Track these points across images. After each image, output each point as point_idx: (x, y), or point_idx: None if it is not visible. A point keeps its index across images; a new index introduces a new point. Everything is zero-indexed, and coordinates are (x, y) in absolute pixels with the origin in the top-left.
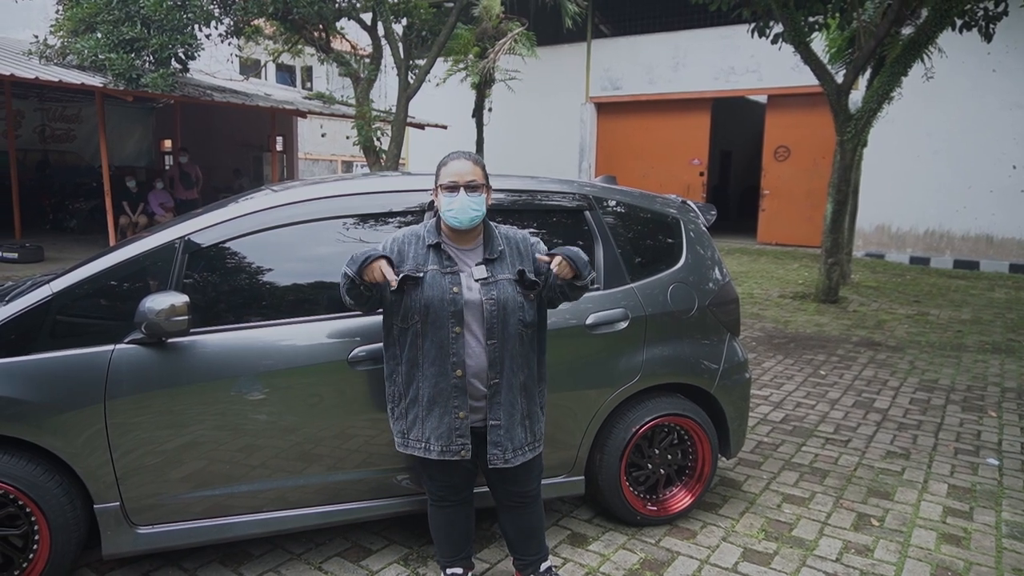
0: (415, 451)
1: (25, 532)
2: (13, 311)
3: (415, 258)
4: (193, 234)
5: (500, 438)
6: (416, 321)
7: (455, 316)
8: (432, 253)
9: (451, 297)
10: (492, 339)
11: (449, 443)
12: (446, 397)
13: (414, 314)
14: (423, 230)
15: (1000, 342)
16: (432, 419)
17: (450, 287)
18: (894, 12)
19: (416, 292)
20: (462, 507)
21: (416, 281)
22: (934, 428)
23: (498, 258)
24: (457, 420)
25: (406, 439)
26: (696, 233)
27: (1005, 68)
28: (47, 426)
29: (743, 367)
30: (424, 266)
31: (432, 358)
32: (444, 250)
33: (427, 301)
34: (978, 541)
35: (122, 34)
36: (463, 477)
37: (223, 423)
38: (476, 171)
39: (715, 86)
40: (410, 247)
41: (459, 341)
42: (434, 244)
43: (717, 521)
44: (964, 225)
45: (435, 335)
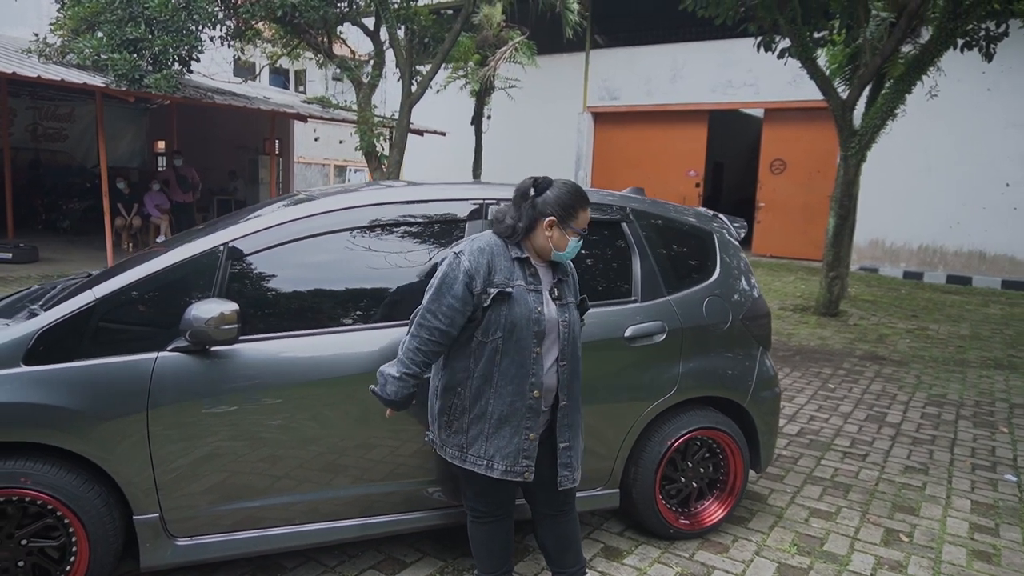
0: (475, 467)
1: (63, 544)
2: (55, 317)
3: (504, 272)
4: (236, 240)
5: (570, 459)
6: (498, 337)
7: (537, 336)
8: (518, 267)
9: (535, 317)
10: (563, 360)
11: (515, 463)
12: (519, 417)
13: (497, 330)
14: (498, 242)
15: (1002, 358)
16: (500, 438)
17: (535, 306)
18: (900, 31)
19: (504, 308)
20: (504, 521)
21: (505, 296)
22: (948, 443)
23: (566, 280)
24: (527, 441)
25: (464, 453)
26: (728, 246)
27: (1000, 88)
28: (88, 435)
29: (773, 381)
30: (512, 280)
31: (510, 376)
32: (532, 265)
33: (514, 319)
34: (1008, 558)
35: (125, 34)
36: (511, 493)
37: (264, 434)
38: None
39: (712, 98)
40: (497, 259)
41: (539, 362)
42: (523, 259)
43: (748, 535)
44: (957, 241)
45: (517, 354)
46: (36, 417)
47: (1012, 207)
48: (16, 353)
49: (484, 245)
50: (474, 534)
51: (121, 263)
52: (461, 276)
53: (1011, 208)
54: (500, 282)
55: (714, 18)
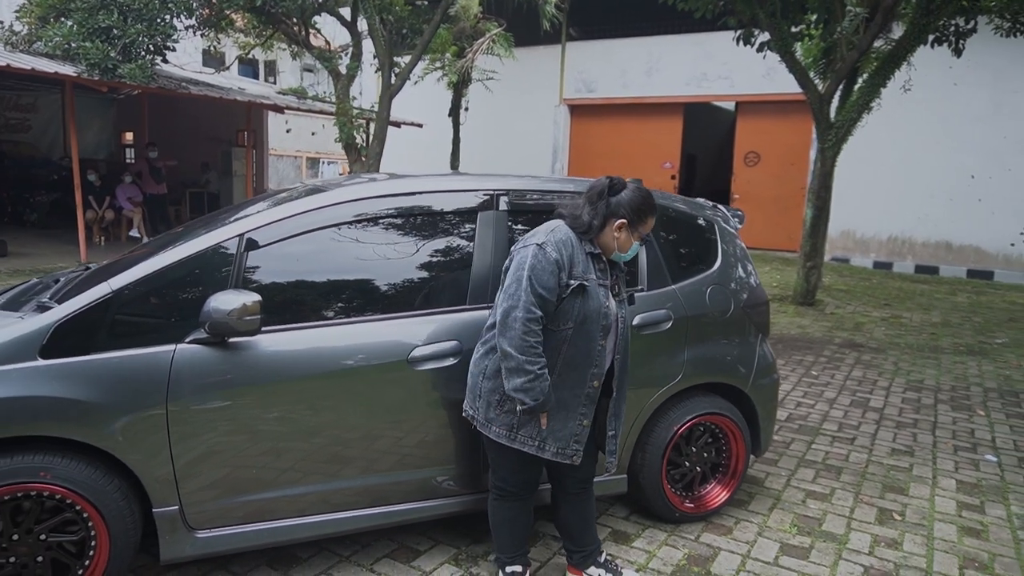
0: (524, 447)
1: (82, 538)
2: (71, 309)
3: (581, 265)
4: (252, 231)
5: (615, 447)
6: (568, 327)
7: (604, 329)
8: (592, 261)
9: (604, 311)
10: (618, 353)
11: (566, 447)
12: (577, 404)
13: (569, 320)
14: (572, 235)
15: (973, 344)
16: (556, 422)
17: (604, 300)
18: (876, 26)
19: (579, 300)
20: (528, 502)
21: (582, 289)
22: (930, 426)
23: (622, 275)
24: (580, 427)
25: (514, 433)
26: (728, 236)
27: (966, 82)
28: (107, 428)
29: (772, 368)
30: (587, 274)
31: (574, 365)
32: (603, 261)
33: (587, 312)
34: (995, 533)
35: (97, 22)
36: (539, 474)
37: (284, 424)
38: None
39: (687, 91)
40: (576, 252)
41: (602, 354)
42: (596, 254)
43: (749, 517)
44: (925, 232)
45: (583, 344)
46: (54, 411)
47: (977, 199)
48: (32, 346)
49: (564, 237)
50: (498, 513)
51: (132, 255)
52: (551, 267)
53: (976, 200)
54: (578, 274)
55: (693, 12)
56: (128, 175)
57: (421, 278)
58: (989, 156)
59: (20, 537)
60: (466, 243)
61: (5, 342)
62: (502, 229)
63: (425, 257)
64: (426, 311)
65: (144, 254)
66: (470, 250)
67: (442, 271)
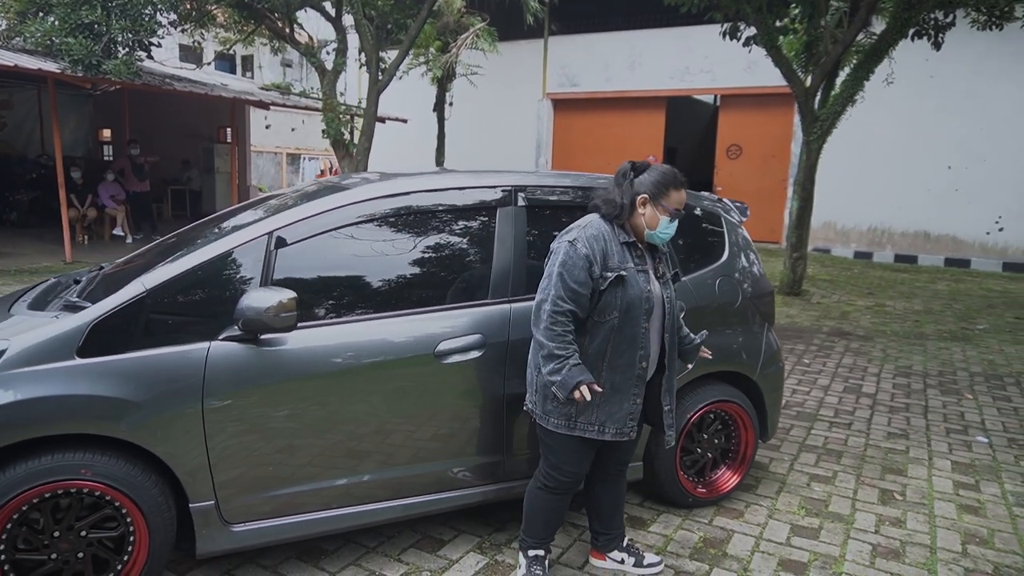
0: (586, 433)
1: (120, 534)
2: (107, 308)
3: (617, 255)
4: (281, 229)
5: (672, 420)
6: (614, 317)
7: (647, 313)
8: (627, 251)
9: (646, 295)
10: (667, 332)
11: (623, 425)
12: (629, 385)
13: (614, 310)
14: (608, 226)
15: (955, 331)
16: (611, 404)
17: (645, 285)
18: (860, 20)
19: (620, 290)
20: (570, 495)
21: (621, 279)
22: (922, 410)
23: (665, 257)
24: (634, 406)
25: (573, 422)
26: (734, 228)
27: (941, 75)
28: (145, 425)
29: (778, 356)
30: (625, 264)
31: (623, 350)
32: (639, 247)
33: (629, 300)
34: (992, 510)
35: (80, 18)
36: (591, 459)
37: (316, 418)
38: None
39: (670, 85)
40: (609, 244)
41: (647, 336)
42: (631, 242)
43: (758, 501)
44: (903, 222)
45: (629, 330)
46: (93, 409)
47: (954, 189)
48: (70, 346)
49: (596, 232)
50: (540, 503)
51: (151, 253)
52: (581, 263)
53: (953, 190)
54: (615, 266)
55: (679, 6)
56: (110, 173)
57: (445, 273)
58: (965, 147)
59: (61, 534)
60: (487, 238)
61: (43, 341)
62: (521, 224)
63: (448, 252)
64: (450, 306)
65: (169, 252)
66: (491, 245)
67: (465, 266)
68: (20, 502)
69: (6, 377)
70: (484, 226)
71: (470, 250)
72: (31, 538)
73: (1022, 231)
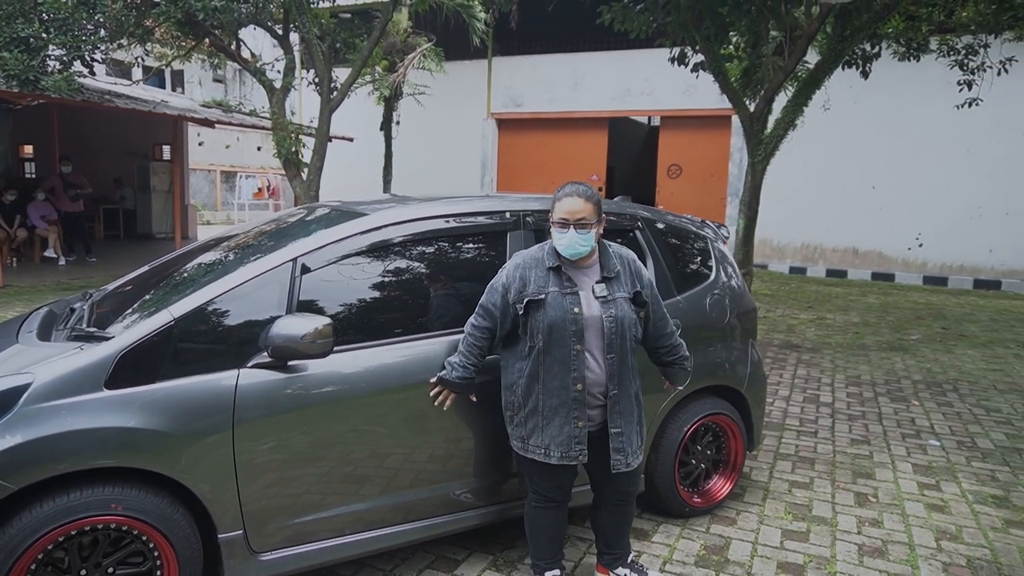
0: (535, 455)
1: (148, 568)
2: (134, 338)
3: (536, 281)
4: (305, 256)
5: (622, 444)
6: (540, 340)
7: (576, 335)
8: (552, 275)
9: (572, 317)
10: (611, 353)
11: (568, 449)
12: (567, 408)
13: (538, 333)
14: (542, 253)
15: (893, 341)
16: (552, 428)
17: (571, 307)
18: (800, 50)
19: (540, 313)
20: (561, 508)
21: (538, 304)
22: (876, 417)
23: (615, 277)
24: (576, 429)
25: (526, 444)
26: (720, 250)
27: (865, 100)
28: (176, 456)
29: (761, 368)
30: (545, 288)
31: (554, 372)
32: (564, 272)
33: (550, 322)
34: (955, 508)
35: (16, 31)
36: (570, 478)
37: (343, 442)
38: (587, 208)
39: (612, 106)
40: (531, 271)
41: (580, 357)
42: (554, 267)
43: (747, 508)
44: (834, 239)
45: (557, 352)
46: (124, 441)
47: (879, 207)
48: (98, 377)
49: (520, 261)
50: (533, 519)
51: (151, 279)
52: (499, 288)
53: (878, 208)
54: (533, 292)
55: (628, 32)
56: (40, 192)
57: (461, 297)
58: (887, 168)
59: (88, 572)
60: (499, 261)
61: (69, 373)
62: (531, 247)
63: (463, 276)
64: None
65: (171, 280)
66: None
67: (480, 289)
68: (46, 542)
69: (33, 412)
70: (497, 250)
71: (484, 273)
72: None
73: (940, 247)
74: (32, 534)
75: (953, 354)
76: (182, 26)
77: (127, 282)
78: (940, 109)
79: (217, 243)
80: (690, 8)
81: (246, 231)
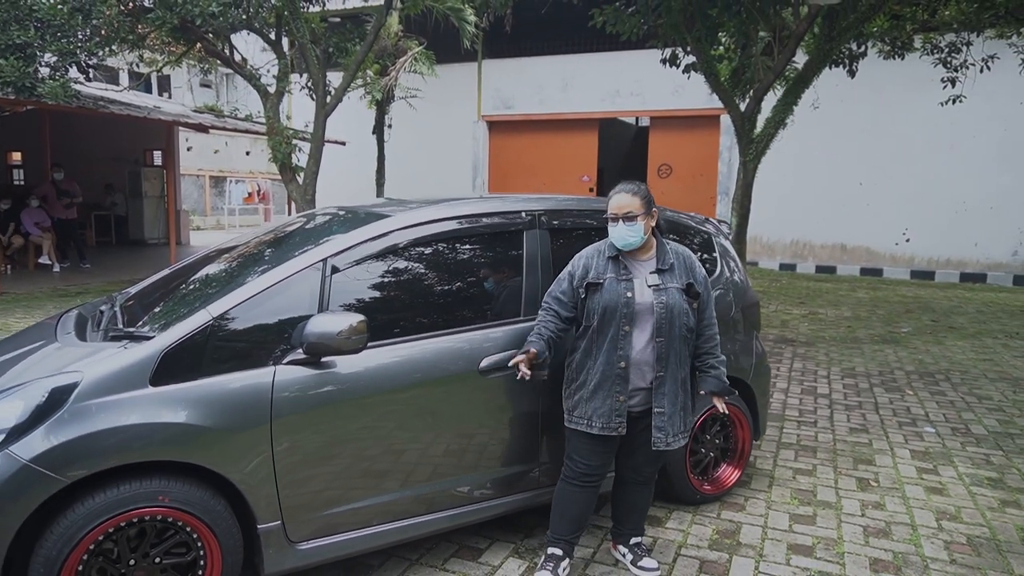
0: (578, 426)
1: (192, 559)
2: (176, 337)
3: (596, 268)
4: (335, 256)
5: (664, 423)
6: (595, 319)
7: (627, 316)
8: (611, 264)
9: (625, 300)
10: (660, 337)
11: (609, 421)
12: (610, 383)
13: (593, 315)
14: (604, 246)
15: (884, 334)
16: (596, 400)
17: (624, 292)
18: (790, 50)
19: (596, 296)
20: (588, 490)
21: (596, 287)
22: (873, 407)
23: (669, 269)
24: (617, 403)
25: (572, 416)
26: (724, 246)
27: (851, 99)
28: (218, 450)
29: (765, 360)
30: (603, 275)
31: (603, 349)
32: (621, 261)
33: (605, 304)
34: (953, 490)
35: (11, 38)
36: (603, 457)
37: (374, 436)
38: (633, 203)
39: (602, 107)
40: (593, 260)
41: (627, 338)
42: (613, 256)
43: (755, 495)
44: (823, 235)
45: (609, 331)
46: (169, 436)
47: (866, 203)
48: (143, 374)
49: (585, 251)
50: (560, 493)
51: (172, 281)
52: (566, 276)
53: (865, 205)
54: (593, 277)
55: (619, 34)
56: (34, 199)
57: (482, 293)
58: (873, 165)
59: (136, 562)
60: (517, 259)
61: (116, 371)
62: (546, 245)
63: (484, 274)
64: (489, 324)
65: (195, 281)
66: (521, 265)
67: (499, 286)
68: (98, 533)
69: (83, 409)
70: (514, 249)
71: (504, 271)
72: (108, 568)
73: (926, 242)
74: (86, 525)
75: (943, 345)
76: (175, 31)
77: (150, 285)
78: (925, 106)
79: (238, 247)
80: (682, 11)
81: (264, 235)
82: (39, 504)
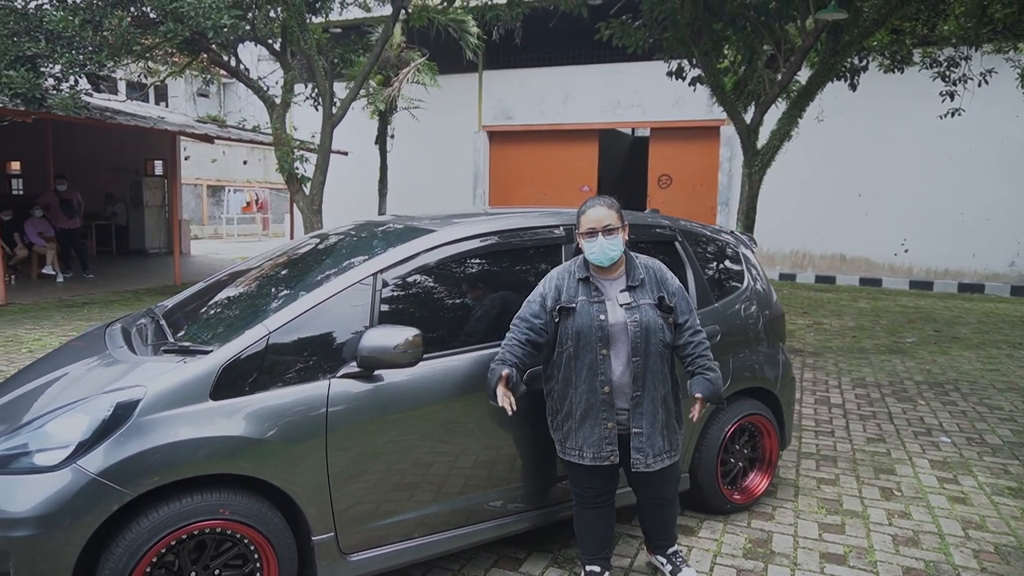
0: (571, 458)
1: (251, 570)
2: (234, 352)
3: (567, 291)
4: (384, 271)
5: (642, 444)
6: (569, 346)
7: (602, 340)
8: (581, 286)
9: (598, 323)
10: (636, 356)
11: (599, 450)
12: (596, 411)
13: (567, 340)
14: (573, 267)
15: (890, 344)
16: (584, 430)
17: (597, 315)
18: (795, 64)
19: (570, 320)
20: (604, 509)
21: (569, 311)
22: (887, 416)
23: (639, 285)
24: (606, 430)
25: (564, 447)
26: (751, 258)
27: (850, 110)
28: (276, 463)
29: (791, 370)
30: (575, 298)
31: (584, 377)
32: (592, 282)
33: (578, 328)
34: (976, 499)
35: (21, 49)
36: (607, 481)
37: (425, 446)
38: (611, 215)
39: (602, 118)
40: (564, 282)
41: (606, 362)
42: (583, 278)
43: (782, 504)
44: (822, 246)
45: (586, 357)
46: (230, 449)
47: (865, 214)
48: (203, 389)
49: (556, 273)
50: (578, 518)
51: (210, 292)
52: (537, 298)
53: (864, 215)
54: (565, 300)
55: (626, 47)
56: (37, 209)
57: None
58: (872, 176)
59: (197, 574)
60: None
61: (177, 385)
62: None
63: (525, 287)
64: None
65: (238, 294)
66: None
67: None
68: (161, 545)
69: (147, 423)
70: (552, 261)
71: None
72: None
73: (924, 252)
74: (151, 538)
75: (949, 356)
76: (184, 44)
77: (188, 298)
78: (923, 119)
79: (272, 261)
80: (688, 25)
81: (301, 248)
82: (106, 517)
